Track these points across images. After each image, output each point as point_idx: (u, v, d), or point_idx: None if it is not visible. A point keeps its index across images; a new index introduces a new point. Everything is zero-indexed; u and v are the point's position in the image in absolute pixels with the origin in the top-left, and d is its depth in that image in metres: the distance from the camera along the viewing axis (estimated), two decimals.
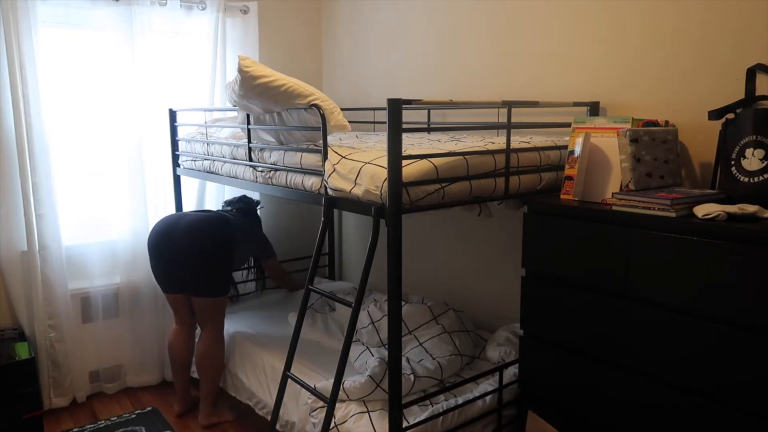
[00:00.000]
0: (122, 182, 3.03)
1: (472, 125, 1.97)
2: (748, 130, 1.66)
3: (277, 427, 2.28)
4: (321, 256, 2.98)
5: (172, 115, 3.09)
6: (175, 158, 3.13)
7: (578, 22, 2.27)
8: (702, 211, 1.51)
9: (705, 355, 1.47)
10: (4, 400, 2.55)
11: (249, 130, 2.36)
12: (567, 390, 1.82)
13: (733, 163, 1.68)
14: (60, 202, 2.88)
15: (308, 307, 2.93)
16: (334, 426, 2.00)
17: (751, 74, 1.76)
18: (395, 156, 1.63)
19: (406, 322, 2.49)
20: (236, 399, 2.75)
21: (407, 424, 1.87)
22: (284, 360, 2.13)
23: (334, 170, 1.88)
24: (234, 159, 2.52)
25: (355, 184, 1.79)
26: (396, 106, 1.62)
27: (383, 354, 2.30)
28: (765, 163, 1.61)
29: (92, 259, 3.05)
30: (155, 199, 3.12)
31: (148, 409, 2.93)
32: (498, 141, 2.08)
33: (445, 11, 2.82)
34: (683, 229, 1.50)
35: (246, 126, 2.36)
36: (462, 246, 2.87)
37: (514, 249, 2.61)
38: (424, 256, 3.11)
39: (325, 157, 1.94)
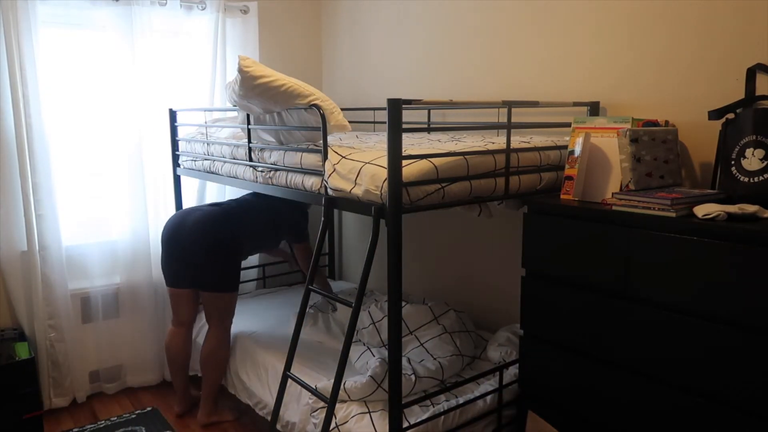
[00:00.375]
0: (122, 182, 3.04)
1: (472, 125, 1.97)
2: (748, 130, 1.66)
3: (277, 427, 2.28)
4: (321, 256, 2.98)
5: (172, 115, 3.09)
6: (175, 158, 3.13)
7: (578, 22, 2.27)
8: (702, 211, 1.51)
9: (705, 355, 1.47)
10: (4, 400, 2.55)
11: (249, 130, 2.36)
12: (567, 390, 1.82)
13: (733, 163, 1.68)
14: (60, 202, 2.88)
15: (310, 307, 2.94)
16: (335, 426, 2.00)
17: (751, 74, 1.76)
18: (395, 156, 1.63)
19: (407, 323, 2.49)
20: (236, 399, 2.75)
21: (408, 424, 1.87)
22: (285, 360, 2.13)
23: (334, 170, 1.88)
24: (234, 159, 2.52)
25: (355, 184, 1.79)
26: (396, 106, 1.62)
27: (384, 354, 2.29)
28: (765, 163, 1.61)
29: (92, 259, 3.05)
30: (155, 199, 3.12)
31: (148, 409, 2.93)
32: (498, 141, 2.08)
33: (446, 11, 2.82)
34: (683, 229, 1.50)
35: (246, 126, 2.36)
36: (462, 246, 2.87)
37: (514, 249, 2.61)
38: (424, 256, 3.11)
39: (325, 157, 1.94)
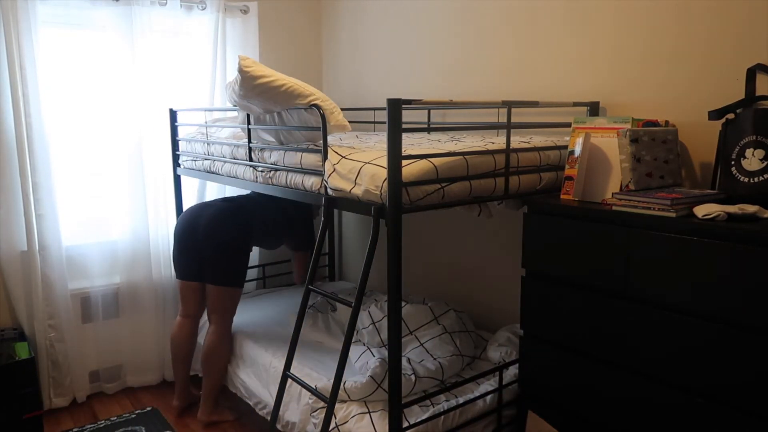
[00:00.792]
0: (122, 182, 3.04)
1: (472, 125, 1.97)
2: (748, 130, 1.66)
3: (277, 427, 2.28)
4: (321, 256, 2.98)
5: (173, 115, 3.09)
6: (176, 158, 3.13)
7: (578, 23, 2.27)
8: (702, 211, 1.51)
9: (705, 355, 1.47)
10: (4, 400, 2.55)
11: (249, 130, 2.36)
12: (567, 390, 1.82)
13: (733, 163, 1.68)
14: (60, 202, 2.88)
15: (309, 306, 2.94)
16: (335, 426, 2.00)
17: (751, 74, 1.76)
18: (395, 156, 1.63)
19: (407, 323, 2.49)
20: (237, 398, 2.75)
21: (408, 424, 1.87)
22: (285, 360, 2.12)
23: (334, 170, 1.88)
24: (234, 159, 2.52)
25: (355, 184, 1.79)
26: (396, 106, 1.62)
27: (384, 354, 2.29)
28: (765, 163, 1.61)
29: (92, 259, 3.05)
30: (155, 199, 3.12)
31: (148, 409, 2.93)
32: (498, 141, 2.07)
33: (445, 11, 2.82)
34: (683, 229, 1.50)
35: (246, 126, 2.36)
36: (462, 246, 2.87)
37: (514, 249, 2.61)
38: (424, 256, 3.10)
39: (325, 157, 1.94)
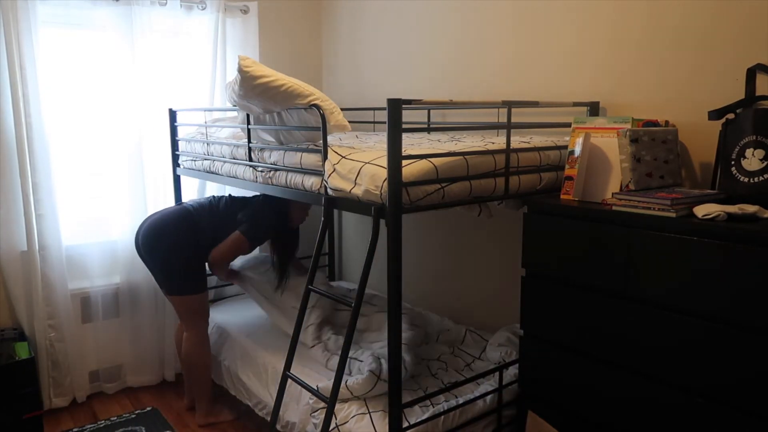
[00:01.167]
0: (122, 182, 3.04)
1: (472, 125, 1.96)
2: (748, 130, 1.66)
3: (277, 428, 2.28)
4: (321, 256, 2.98)
5: (172, 115, 3.09)
6: (175, 158, 3.13)
7: (578, 23, 2.26)
8: (702, 211, 1.51)
9: (705, 354, 1.47)
10: (4, 400, 2.55)
11: (249, 130, 2.36)
12: (567, 390, 1.82)
13: (733, 163, 1.68)
14: (60, 202, 2.88)
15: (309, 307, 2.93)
16: (335, 426, 2.00)
17: (751, 74, 1.76)
18: (395, 156, 1.63)
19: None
20: (236, 399, 2.75)
21: (408, 424, 1.87)
22: (284, 360, 2.12)
23: (334, 170, 1.88)
24: (234, 159, 2.52)
25: (355, 184, 1.79)
26: (396, 106, 1.62)
27: (373, 350, 2.30)
28: (765, 163, 1.61)
29: (92, 259, 3.05)
30: (155, 199, 3.12)
31: (148, 409, 2.93)
32: (498, 141, 2.07)
33: (445, 11, 2.82)
34: (683, 230, 1.50)
35: (246, 126, 2.36)
36: (462, 246, 2.87)
37: (514, 249, 2.61)
38: (424, 256, 3.10)
39: (325, 157, 1.94)
